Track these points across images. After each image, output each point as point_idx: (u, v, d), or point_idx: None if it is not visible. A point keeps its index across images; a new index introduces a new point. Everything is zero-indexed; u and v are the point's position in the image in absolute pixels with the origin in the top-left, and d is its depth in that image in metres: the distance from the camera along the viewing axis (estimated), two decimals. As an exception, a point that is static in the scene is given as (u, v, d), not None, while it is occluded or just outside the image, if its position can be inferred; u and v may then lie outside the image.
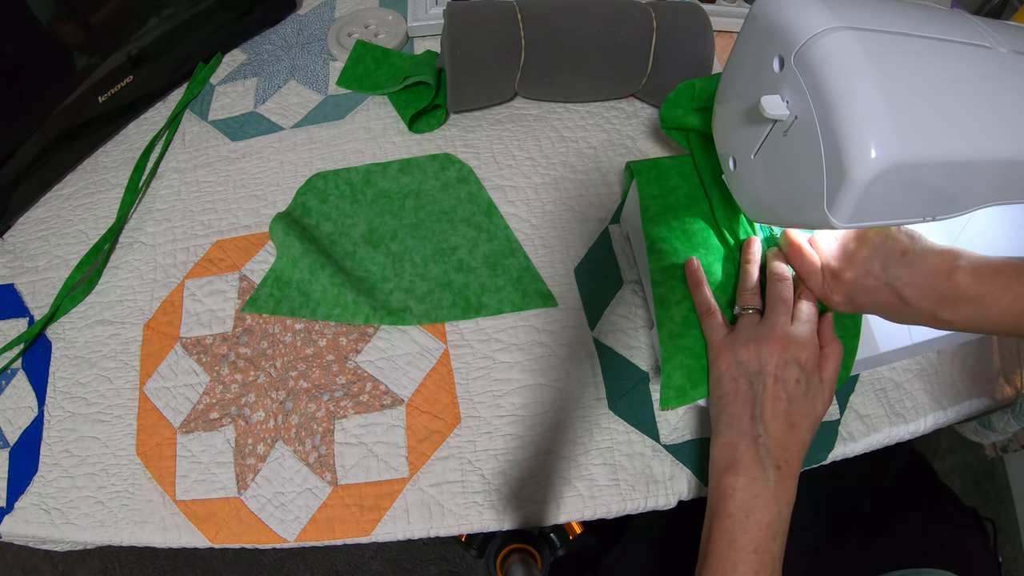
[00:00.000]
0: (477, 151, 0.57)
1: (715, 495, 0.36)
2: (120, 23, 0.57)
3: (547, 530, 0.60)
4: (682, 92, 0.47)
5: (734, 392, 0.37)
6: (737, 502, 0.34)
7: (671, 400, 0.41)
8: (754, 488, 0.34)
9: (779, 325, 0.38)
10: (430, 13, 0.64)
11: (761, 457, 0.35)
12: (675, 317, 0.42)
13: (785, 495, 0.35)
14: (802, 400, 0.36)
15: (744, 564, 0.33)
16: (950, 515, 0.53)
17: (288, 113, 0.61)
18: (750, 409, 0.36)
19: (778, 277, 0.40)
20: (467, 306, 0.49)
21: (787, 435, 0.35)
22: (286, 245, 0.51)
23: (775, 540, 0.34)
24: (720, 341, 0.39)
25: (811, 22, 0.31)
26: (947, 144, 0.30)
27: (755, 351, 0.37)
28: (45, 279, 0.54)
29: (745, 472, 0.35)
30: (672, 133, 0.49)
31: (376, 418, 0.45)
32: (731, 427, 0.37)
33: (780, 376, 0.36)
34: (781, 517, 0.34)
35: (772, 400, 0.36)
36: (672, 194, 0.46)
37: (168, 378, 0.48)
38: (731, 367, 0.38)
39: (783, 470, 0.35)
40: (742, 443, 0.36)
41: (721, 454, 0.37)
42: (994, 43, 0.33)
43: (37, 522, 0.45)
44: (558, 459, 0.44)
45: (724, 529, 0.34)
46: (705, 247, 0.44)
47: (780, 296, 0.39)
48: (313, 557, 1.11)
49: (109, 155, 0.61)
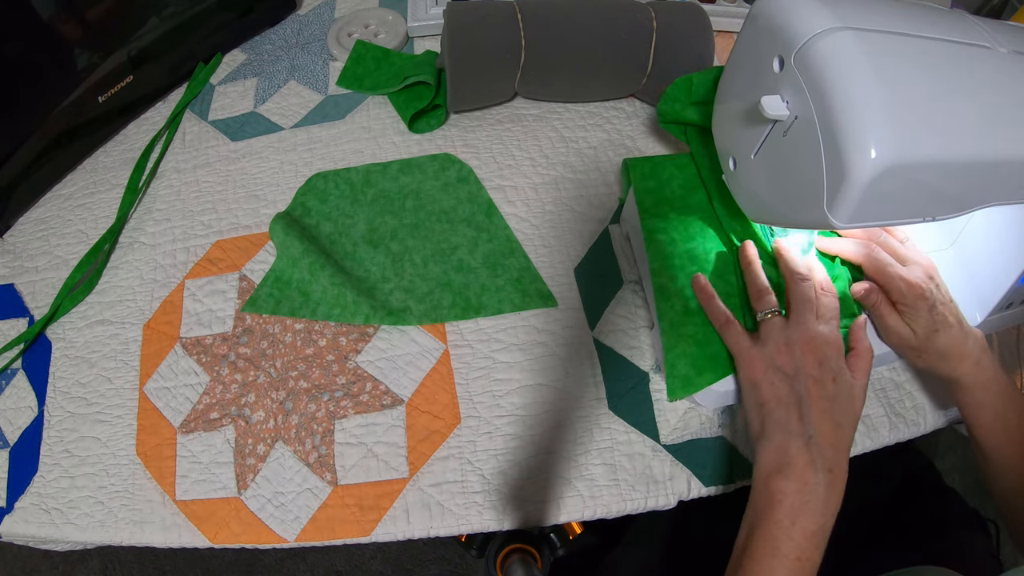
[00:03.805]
0: (477, 151, 0.57)
1: (762, 499, 0.35)
2: (120, 23, 0.57)
3: (547, 530, 0.60)
4: (679, 86, 0.48)
5: (776, 398, 0.36)
6: (786, 508, 0.33)
7: (678, 390, 0.41)
8: (805, 493, 0.33)
9: (808, 325, 0.38)
10: (430, 13, 0.64)
11: (814, 459, 0.34)
12: (675, 306, 0.42)
13: (834, 501, 0.34)
14: (842, 399, 0.36)
15: (784, 571, 0.32)
16: (955, 516, 0.53)
17: (288, 113, 0.61)
18: (797, 411, 0.35)
19: (799, 277, 0.40)
20: (467, 306, 0.49)
21: (836, 435, 0.35)
22: (286, 245, 0.51)
23: (818, 549, 0.33)
24: (748, 349, 0.39)
25: (811, 22, 0.31)
26: (947, 144, 0.30)
27: (788, 354, 0.37)
28: (45, 279, 0.54)
29: (796, 477, 0.34)
30: (670, 127, 0.50)
31: (376, 418, 0.45)
32: (779, 431, 0.35)
33: (818, 377, 0.36)
34: (826, 528, 0.34)
35: (816, 400, 0.36)
36: (668, 186, 0.47)
37: (168, 378, 0.48)
38: (767, 373, 0.37)
39: (835, 474, 0.34)
40: (793, 445, 0.35)
41: (771, 459, 0.35)
42: (994, 43, 0.33)
43: (37, 522, 0.45)
44: (558, 459, 0.44)
45: (769, 535, 0.33)
46: (702, 236, 0.45)
47: (804, 296, 0.39)
48: (313, 557, 1.11)
49: (109, 155, 0.61)
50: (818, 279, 0.40)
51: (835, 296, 0.40)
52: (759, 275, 0.41)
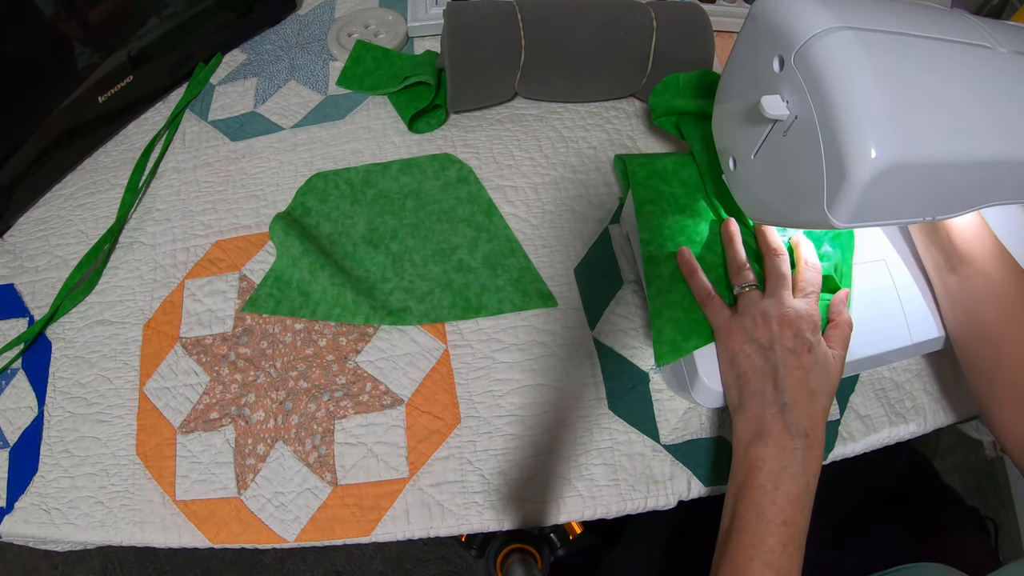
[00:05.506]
0: (477, 151, 0.57)
1: (742, 468, 0.36)
2: (120, 23, 0.57)
3: (547, 530, 0.60)
4: (667, 84, 0.51)
5: (752, 368, 0.37)
6: (767, 473, 0.34)
7: (665, 355, 0.41)
8: (783, 458, 0.34)
9: (783, 299, 0.39)
10: (430, 13, 0.64)
11: (788, 425, 0.35)
12: (663, 273, 0.43)
13: (813, 465, 0.35)
14: (817, 369, 0.37)
15: (772, 536, 0.33)
16: (952, 515, 0.53)
17: (288, 113, 0.61)
18: (772, 380, 0.36)
19: (775, 252, 0.41)
20: (467, 306, 0.49)
21: (810, 403, 0.36)
22: (286, 245, 0.51)
23: (803, 513, 0.34)
24: (727, 322, 0.40)
25: (811, 22, 0.31)
26: (947, 144, 0.30)
27: (764, 326, 0.38)
28: (45, 279, 0.54)
29: (774, 442, 0.35)
30: (662, 122, 0.52)
31: (376, 418, 0.45)
32: (755, 400, 0.37)
33: (793, 348, 0.37)
34: (809, 489, 0.34)
35: (791, 371, 0.36)
36: (659, 160, 0.48)
37: (168, 378, 0.48)
38: (744, 345, 0.38)
39: (811, 438, 0.35)
40: (768, 413, 0.36)
41: (748, 427, 0.36)
42: (994, 43, 0.33)
43: (37, 522, 0.45)
44: (558, 459, 0.44)
45: (753, 501, 0.34)
46: (692, 210, 0.45)
47: (779, 270, 0.40)
48: (313, 557, 1.11)
49: (109, 155, 0.61)
50: (803, 252, 0.41)
51: (818, 271, 0.41)
52: (739, 251, 0.42)
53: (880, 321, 0.42)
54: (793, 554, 0.33)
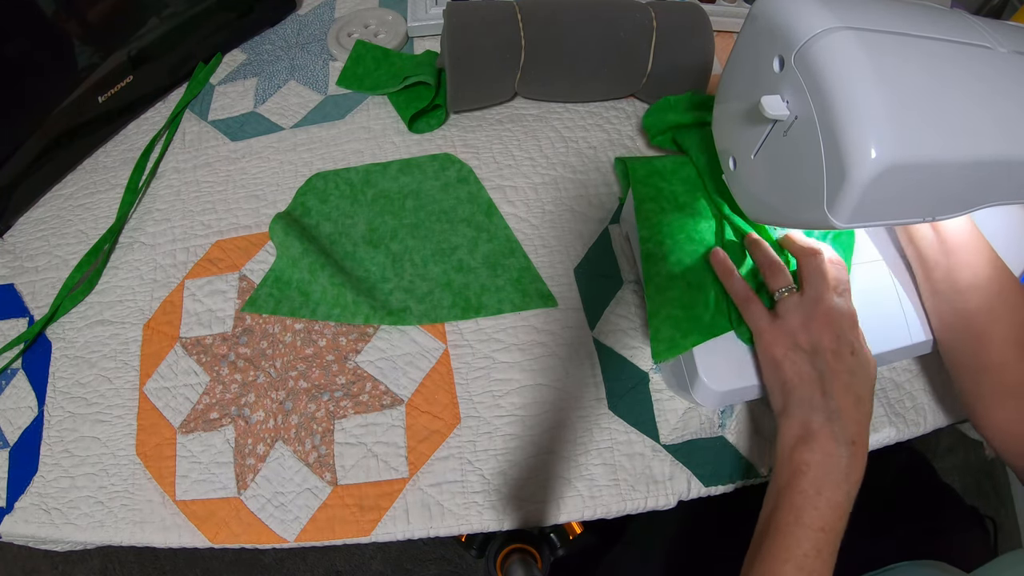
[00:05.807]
0: (477, 151, 0.57)
1: (785, 472, 0.35)
2: (120, 23, 0.57)
3: (547, 530, 0.60)
4: (659, 105, 0.52)
5: (798, 375, 0.37)
6: (810, 479, 0.34)
7: (663, 353, 0.41)
8: (828, 465, 0.34)
9: (824, 300, 0.38)
10: (430, 13, 0.64)
11: (835, 433, 0.34)
12: (661, 271, 0.43)
13: (856, 473, 0.34)
14: (860, 371, 0.36)
15: (808, 541, 0.33)
16: (951, 514, 0.53)
17: (288, 113, 0.61)
18: (820, 387, 0.36)
19: (810, 251, 0.40)
20: (467, 306, 0.49)
21: (857, 409, 0.35)
22: (286, 245, 0.51)
23: (842, 520, 0.34)
24: (768, 327, 0.39)
25: (811, 22, 0.31)
26: (947, 144, 0.30)
27: (806, 331, 0.37)
28: (45, 279, 0.54)
29: (820, 448, 0.34)
30: (659, 141, 0.52)
31: (376, 418, 0.45)
32: (802, 407, 0.36)
33: (837, 351, 0.36)
34: (850, 496, 0.34)
35: (837, 375, 0.36)
36: (660, 159, 0.48)
37: (168, 378, 0.48)
38: (788, 351, 0.37)
39: (857, 445, 0.35)
40: (816, 419, 0.35)
41: (793, 432, 0.36)
42: (994, 43, 0.33)
43: (37, 522, 0.45)
44: (558, 459, 0.44)
45: (793, 505, 0.34)
46: (692, 208, 0.45)
47: (817, 270, 0.39)
48: (313, 557, 1.11)
49: (109, 155, 0.61)
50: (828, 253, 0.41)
51: (843, 267, 0.40)
52: (770, 253, 0.41)
53: (879, 321, 0.42)
54: (827, 559, 0.33)
